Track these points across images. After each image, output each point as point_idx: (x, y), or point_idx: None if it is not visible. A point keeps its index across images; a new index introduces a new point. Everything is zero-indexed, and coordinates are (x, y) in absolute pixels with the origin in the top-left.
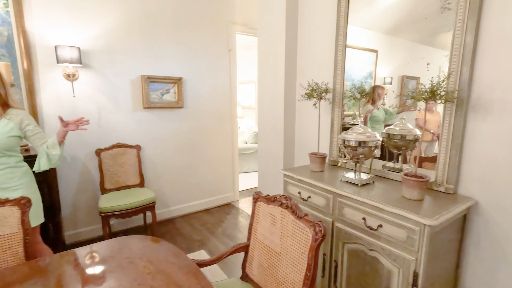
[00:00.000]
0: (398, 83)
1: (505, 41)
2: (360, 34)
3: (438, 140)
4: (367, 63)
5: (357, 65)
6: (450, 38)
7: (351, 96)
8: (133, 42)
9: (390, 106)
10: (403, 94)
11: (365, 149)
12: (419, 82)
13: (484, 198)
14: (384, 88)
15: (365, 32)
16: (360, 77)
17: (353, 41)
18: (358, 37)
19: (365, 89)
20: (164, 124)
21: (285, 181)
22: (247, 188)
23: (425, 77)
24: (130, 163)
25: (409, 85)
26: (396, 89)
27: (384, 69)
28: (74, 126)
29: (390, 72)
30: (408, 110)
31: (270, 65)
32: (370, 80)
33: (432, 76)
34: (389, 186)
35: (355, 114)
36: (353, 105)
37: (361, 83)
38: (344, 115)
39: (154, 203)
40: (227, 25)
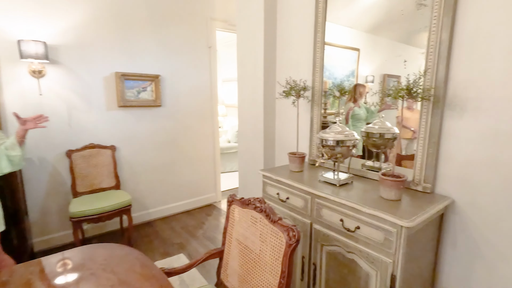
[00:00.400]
0: (380, 81)
1: (480, 39)
2: (342, 32)
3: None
4: (349, 61)
5: (340, 64)
6: (427, 36)
7: (330, 94)
8: (106, 37)
9: (372, 104)
10: (381, 92)
11: (343, 149)
12: (400, 80)
13: (461, 197)
14: (366, 86)
15: (347, 30)
16: (343, 76)
17: (335, 39)
18: (340, 35)
19: (345, 87)
20: (141, 123)
21: (264, 182)
22: (230, 188)
23: (405, 76)
24: (105, 165)
25: (390, 83)
26: (378, 87)
27: (366, 68)
28: (32, 124)
29: (372, 70)
30: (389, 108)
31: (249, 62)
32: (352, 79)
33: (408, 74)
34: (368, 186)
35: (338, 112)
36: (333, 103)
37: (344, 81)
38: (327, 113)
39: (130, 206)
40: (206, 21)
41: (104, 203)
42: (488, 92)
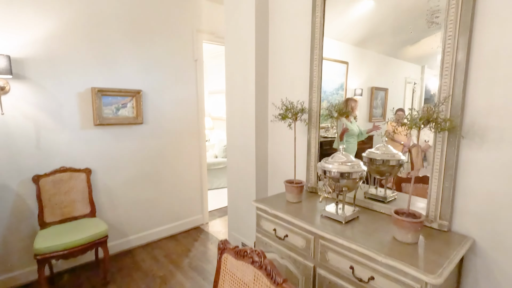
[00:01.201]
0: (368, 94)
1: (501, 61)
2: (331, 45)
3: (409, 151)
4: (338, 74)
5: (329, 77)
6: (417, 50)
7: (328, 115)
8: (81, 49)
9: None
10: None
11: (349, 181)
12: (388, 93)
13: (482, 236)
14: (357, 100)
15: (336, 44)
16: (332, 89)
17: (325, 53)
18: (329, 48)
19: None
20: (120, 143)
21: (258, 215)
22: (218, 207)
23: (392, 89)
24: (78, 190)
25: (378, 96)
26: (367, 101)
27: (355, 81)
28: None
29: (361, 83)
30: (377, 129)
31: (239, 79)
32: (341, 92)
33: (399, 87)
34: (376, 221)
35: (328, 126)
36: (330, 123)
37: (333, 94)
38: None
39: (106, 237)
40: (192, 33)
41: (75, 236)
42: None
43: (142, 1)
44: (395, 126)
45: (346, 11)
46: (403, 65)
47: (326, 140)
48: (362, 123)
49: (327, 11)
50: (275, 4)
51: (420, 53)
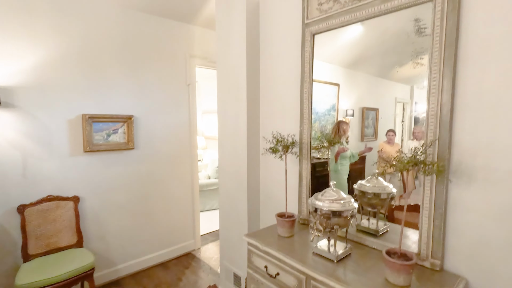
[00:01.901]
0: (359, 114)
1: (484, 105)
2: (323, 68)
3: (400, 173)
4: (329, 96)
5: (320, 98)
6: (405, 72)
7: (318, 144)
8: (73, 77)
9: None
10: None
11: (340, 219)
12: (379, 113)
13: (474, 276)
14: (348, 123)
15: (327, 66)
16: (324, 110)
17: (316, 75)
18: (321, 71)
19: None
20: (110, 169)
21: (250, 250)
22: (210, 230)
23: (383, 109)
24: (65, 219)
25: (369, 116)
26: (358, 121)
27: (346, 102)
28: None
29: (352, 104)
30: (369, 151)
31: (230, 110)
32: (333, 112)
33: (389, 107)
34: (368, 259)
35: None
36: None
37: (325, 115)
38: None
39: (93, 270)
40: (185, 59)
41: (60, 270)
42: (498, 163)
43: (135, 28)
44: (384, 167)
45: (337, 36)
46: (393, 86)
47: (319, 161)
48: (354, 143)
49: (317, 39)
50: (266, 37)
51: (409, 74)
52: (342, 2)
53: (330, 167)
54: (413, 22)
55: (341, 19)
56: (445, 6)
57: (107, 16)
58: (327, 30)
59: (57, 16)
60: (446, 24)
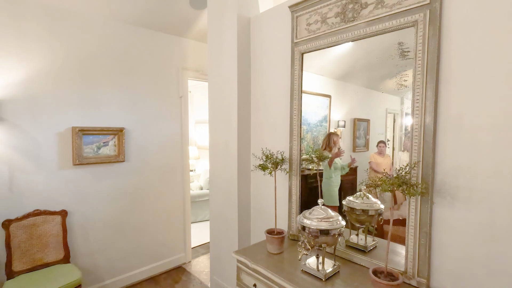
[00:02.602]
0: (351, 125)
1: (464, 127)
2: (315, 80)
3: None
4: (321, 107)
5: (312, 109)
6: (395, 83)
7: (309, 160)
8: (62, 90)
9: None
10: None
11: (328, 238)
12: (370, 124)
13: None
14: (339, 134)
15: (318, 78)
16: (316, 121)
17: (308, 87)
18: (312, 83)
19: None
20: (100, 182)
21: (238, 268)
22: (202, 242)
23: (374, 120)
24: (52, 234)
25: (361, 127)
26: (350, 132)
27: (338, 113)
28: None
29: (343, 115)
30: (354, 162)
31: (221, 127)
32: (325, 124)
33: (380, 118)
34: (356, 277)
35: (312, 157)
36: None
37: (317, 126)
38: (302, 159)
39: (80, 287)
40: (178, 71)
41: (45, 287)
42: (479, 184)
43: (126, 41)
44: (369, 185)
45: (326, 50)
46: (383, 97)
47: (311, 173)
48: (346, 153)
49: (306, 55)
50: (256, 54)
51: (398, 86)
52: (329, 24)
53: (324, 175)
54: (397, 45)
55: (329, 39)
56: (426, 31)
57: (98, 29)
58: (315, 49)
59: (46, 29)
60: (428, 48)
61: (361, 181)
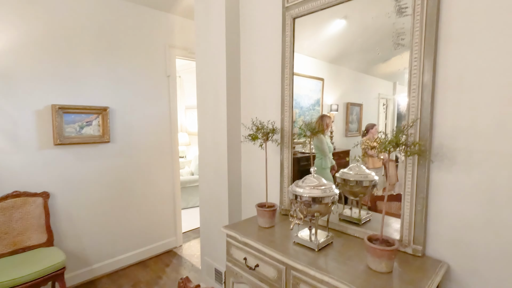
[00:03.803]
0: (344, 109)
1: (465, 85)
2: (307, 62)
3: (384, 167)
4: (314, 90)
5: (305, 93)
6: (388, 68)
7: (301, 133)
8: (40, 65)
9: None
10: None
11: (321, 206)
12: (363, 108)
13: (456, 261)
14: (331, 117)
15: (311, 60)
16: (308, 105)
17: (301, 69)
18: (305, 65)
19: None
20: (84, 163)
21: (228, 242)
22: (193, 228)
23: (367, 104)
24: (33, 216)
25: (353, 112)
26: (343, 116)
27: (331, 97)
28: None
29: (336, 99)
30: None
31: (210, 99)
32: (318, 107)
33: (373, 102)
34: (350, 247)
35: (306, 142)
36: (304, 144)
37: (310, 110)
38: (295, 142)
39: (63, 269)
40: (164, 49)
41: (26, 270)
42: (480, 144)
43: (110, 15)
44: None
45: (320, 30)
46: (376, 82)
47: (304, 155)
48: (339, 138)
49: (299, 31)
50: (246, 23)
51: (391, 71)
52: None
53: (316, 155)
54: (393, 2)
55: (322, 0)
56: None
57: (79, 1)
58: (308, 13)
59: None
60: (427, 3)
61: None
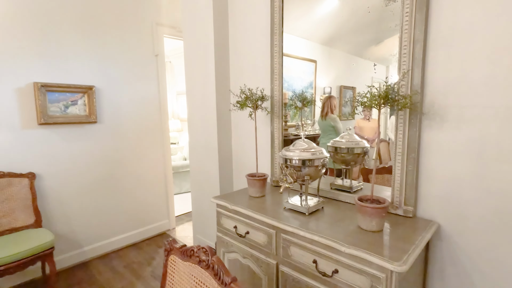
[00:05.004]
0: (337, 93)
1: (457, 38)
2: (299, 43)
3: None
4: (307, 73)
5: (297, 75)
6: (381, 50)
7: (292, 105)
8: (19, 40)
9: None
10: (355, 99)
11: (311, 169)
12: (356, 91)
13: (446, 219)
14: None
15: (303, 42)
16: (301, 87)
17: (293, 50)
18: (297, 46)
19: (307, 97)
20: (71, 144)
21: (218, 212)
22: (186, 211)
23: (360, 88)
24: (19, 198)
25: (346, 95)
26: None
27: (324, 79)
28: None
29: (329, 82)
30: None
31: (198, 73)
32: (311, 90)
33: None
34: (341, 211)
35: (298, 124)
36: (294, 115)
37: (303, 93)
38: (287, 125)
39: (52, 249)
40: (152, 27)
41: (12, 249)
42: (471, 99)
43: None
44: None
45: (312, 9)
46: (369, 65)
47: (297, 138)
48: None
49: (289, 9)
50: None
51: (384, 53)
52: None
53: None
54: None
55: None
56: None
57: None
58: None
59: None
60: None
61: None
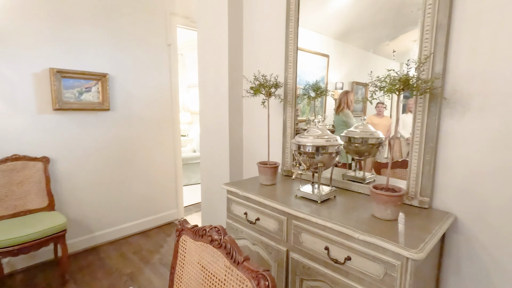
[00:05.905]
0: (349, 88)
1: (484, 22)
2: (312, 37)
3: (388, 144)
4: (319, 67)
5: (310, 69)
6: (395, 46)
7: (305, 94)
8: (37, 26)
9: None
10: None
11: (325, 156)
12: (368, 89)
13: (464, 212)
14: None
15: (316, 36)
16: (313, 82)
17: (305, 44)
18: (309, 40)
19: (321, 87)
20: (85, 130)
21: (229, 199)
22: (195, 202)
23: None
24: (33, 181)
25: (358, 92)
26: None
27: (336, 75)
28: None
29: (341, 77)
30: None
31: (211, 60)
32: (322, 85)
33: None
34: (353, 201)
35: (309, 119)
36: (304, 110)
37: (317, 81)
38: (298, 120)
39: (64, 231)
40: (165, 16)
41: (27, 230)
42: (497, 86)
43: None
44: (373, 91)
45: (326, 3)
46: (383, 62)
47: None
48: None
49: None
50: None
51: (399, 50)
52: None
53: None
54: None
55: None
56: None
57: None
58: None
59: None
60: None
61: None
